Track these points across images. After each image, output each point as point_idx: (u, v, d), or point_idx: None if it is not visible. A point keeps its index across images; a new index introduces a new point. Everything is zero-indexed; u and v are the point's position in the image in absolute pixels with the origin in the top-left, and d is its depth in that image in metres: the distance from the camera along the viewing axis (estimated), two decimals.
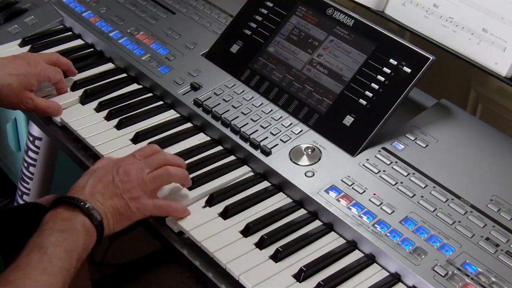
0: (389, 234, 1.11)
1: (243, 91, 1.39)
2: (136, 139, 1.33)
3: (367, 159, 1.24)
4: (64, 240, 1.01)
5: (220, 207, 1.19)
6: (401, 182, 1.19)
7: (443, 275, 1.05)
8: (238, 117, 1.34)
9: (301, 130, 1.30)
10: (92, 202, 1.07)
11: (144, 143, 1.32)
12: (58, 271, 0.98)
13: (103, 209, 1.08)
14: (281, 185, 1.24)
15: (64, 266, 0.99)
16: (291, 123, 1.32)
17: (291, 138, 1.29)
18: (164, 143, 1.32)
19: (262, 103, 1.36)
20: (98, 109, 1.41)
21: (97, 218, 1.06)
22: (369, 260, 1.12)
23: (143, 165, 1.15)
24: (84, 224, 1.05)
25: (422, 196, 1.17)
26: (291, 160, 1.25)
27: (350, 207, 1.16)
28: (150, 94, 1.46)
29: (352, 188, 1.19)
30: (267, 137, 1.29)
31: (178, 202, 1.19)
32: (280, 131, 1.30)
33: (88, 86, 1.45)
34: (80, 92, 1.44)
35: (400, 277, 1.09)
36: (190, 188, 1.22)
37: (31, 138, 1.96)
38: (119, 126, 1.36)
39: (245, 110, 1.35)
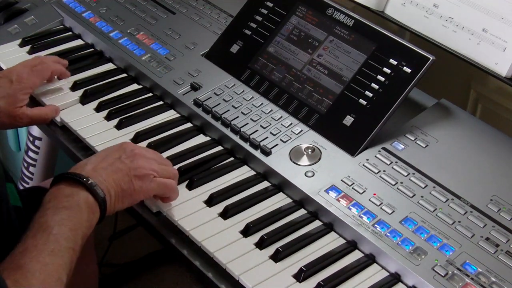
0: (389, 234, 1.11)
1: (243, 91, 1.39)
2: (136, 139, 1.33)
3: (367, 159, 1.24)
4: (69, 218, 1.00)
5: (220, 207, 1.19)
6: (401, 182, 1.19)
7: (443, 275, 1.05)
8: (238, 117, 1.34)
9: (301, 130, 1.30)
10: (94, 178, 1.06)
11: (144, 143, 1.32)
12: (65, 251, 0.98)
13: (105, 185, 1.07)
14: (281, 185, 1.24)
15: (70, 246, 0.99)
16: (291, 123, 1.32)
17: (291, 138, 1.29)
18: (164, 143, 1.32)
19: (262, 103, 1.36)
20: (98, 109, 1.41)
21: (100, 194, 1.05)
22: (369, 260, 1.12)
23: (152, 156, 1.16)
24: (87, 201, 1.04)
25: (422, 196, 1.17)
26: (291, 160, 1.25)
27: (350, 207, 1.16)
28: (150, 94, 1.46)
29: (352, 188, 1.19)
30: (267, 137, 1.29)
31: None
32: (280, 131, 1.30)
33: (88, 86, 1.46)
34: (80, 92, 1.44)
35: (400, 277, 1.09)
36: (190, 188, 1.22)
37: (31, 138, 1.97)
38: (119, 126, 1.36)
39: (245, 110, 1.35)
